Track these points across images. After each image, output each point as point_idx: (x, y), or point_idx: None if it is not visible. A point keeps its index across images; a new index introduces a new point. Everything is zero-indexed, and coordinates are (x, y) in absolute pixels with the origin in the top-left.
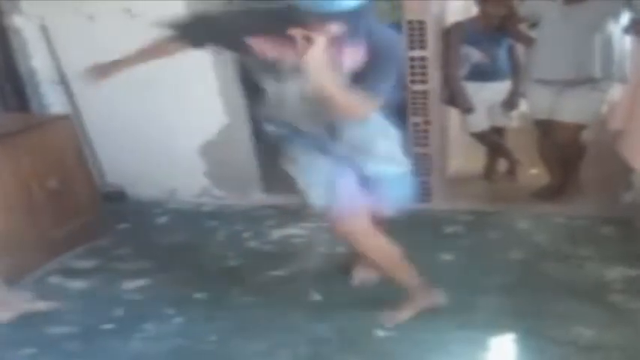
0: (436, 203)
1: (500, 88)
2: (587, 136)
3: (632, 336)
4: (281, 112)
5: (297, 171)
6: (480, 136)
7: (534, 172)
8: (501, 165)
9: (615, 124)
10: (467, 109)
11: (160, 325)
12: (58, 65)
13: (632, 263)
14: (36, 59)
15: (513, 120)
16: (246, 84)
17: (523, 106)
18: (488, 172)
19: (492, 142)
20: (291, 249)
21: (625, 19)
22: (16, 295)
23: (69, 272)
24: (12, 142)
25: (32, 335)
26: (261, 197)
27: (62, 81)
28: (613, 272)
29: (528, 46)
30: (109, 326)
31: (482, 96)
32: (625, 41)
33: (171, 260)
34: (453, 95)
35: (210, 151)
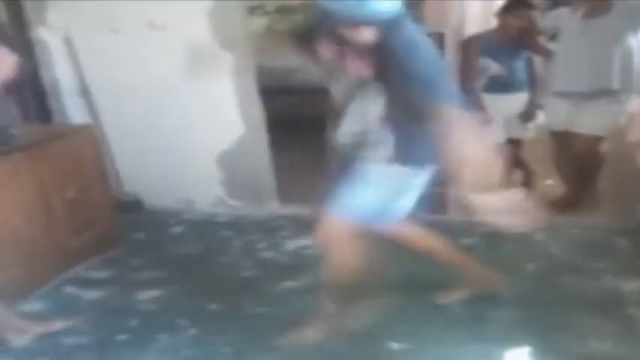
0: (451, 215)
1: (517, 100)
2: (604, 147)
3: None
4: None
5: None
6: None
7: (550, 184)
8: (517, 176)
9: (634, 136)
10: (484, 122)
11: (174, 336)
12: (80, 77)
13: None
14: (59, 70)
15: (530, 131)
16: (263, 94)
17: (540, 117)
18: (504, 184)
19: (508, 153)
20: (306, 260)
21: None
22: (32, 318)
23: (83, 282)
24: (34, 153)
25: (46, 346)
26: (277, 207)
27: (84, 92)
28: (629, 285)
29: (547, 59)
30: (123, 337)
31: (499, 108)
32: None
33: (186, 271)
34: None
35: (227, 161)
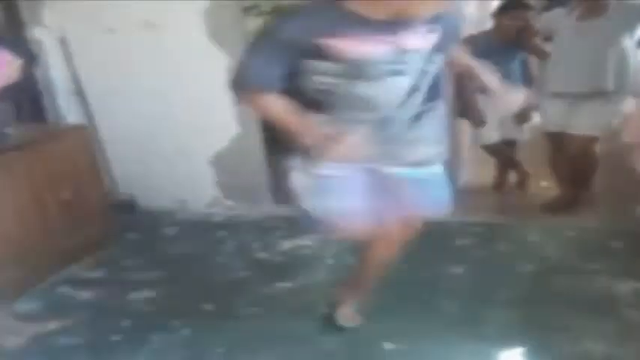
0: (446, 215)
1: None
2: (599, 148)
3: None
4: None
5: None
6: (491, 149)
7: (544, 185)
8: (512, 177)
9: (629, 137)
10: (479, 123)
11: (168, 336)
12: (74, 76)
13: None
14: (53, 70)
15: (524, 133)
16: None
17: (535, 118)
18: (499, 185)
19: (503, 154)
20: (301, 260)
21: (639, 33)
22: (26, 319)
23: (77, 282)
24: (28, 153)
25: (40, 346)
26: (272, 208)
27: (79, 92)
28: (624, 286)
29: (542, 60)
30: (117, 337)
31: (493, 109)
32: (638, 55)
33: (180, 271)
34: (465, 108)
35: (221, 162)
